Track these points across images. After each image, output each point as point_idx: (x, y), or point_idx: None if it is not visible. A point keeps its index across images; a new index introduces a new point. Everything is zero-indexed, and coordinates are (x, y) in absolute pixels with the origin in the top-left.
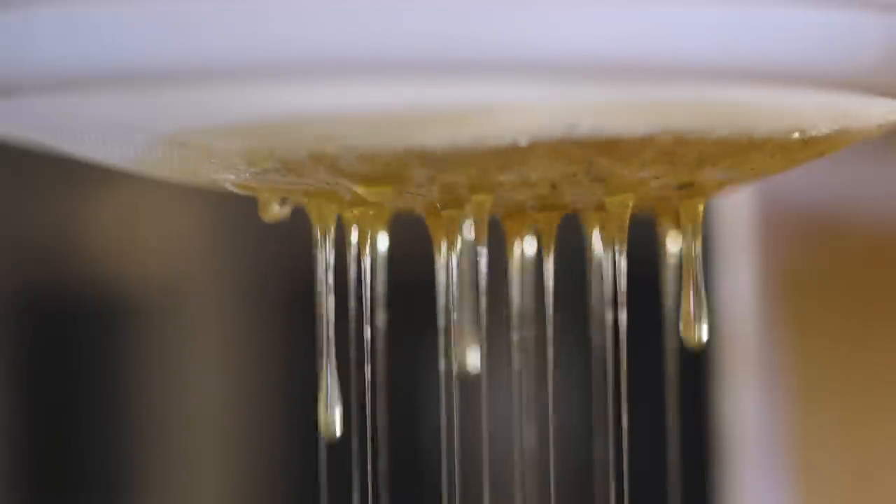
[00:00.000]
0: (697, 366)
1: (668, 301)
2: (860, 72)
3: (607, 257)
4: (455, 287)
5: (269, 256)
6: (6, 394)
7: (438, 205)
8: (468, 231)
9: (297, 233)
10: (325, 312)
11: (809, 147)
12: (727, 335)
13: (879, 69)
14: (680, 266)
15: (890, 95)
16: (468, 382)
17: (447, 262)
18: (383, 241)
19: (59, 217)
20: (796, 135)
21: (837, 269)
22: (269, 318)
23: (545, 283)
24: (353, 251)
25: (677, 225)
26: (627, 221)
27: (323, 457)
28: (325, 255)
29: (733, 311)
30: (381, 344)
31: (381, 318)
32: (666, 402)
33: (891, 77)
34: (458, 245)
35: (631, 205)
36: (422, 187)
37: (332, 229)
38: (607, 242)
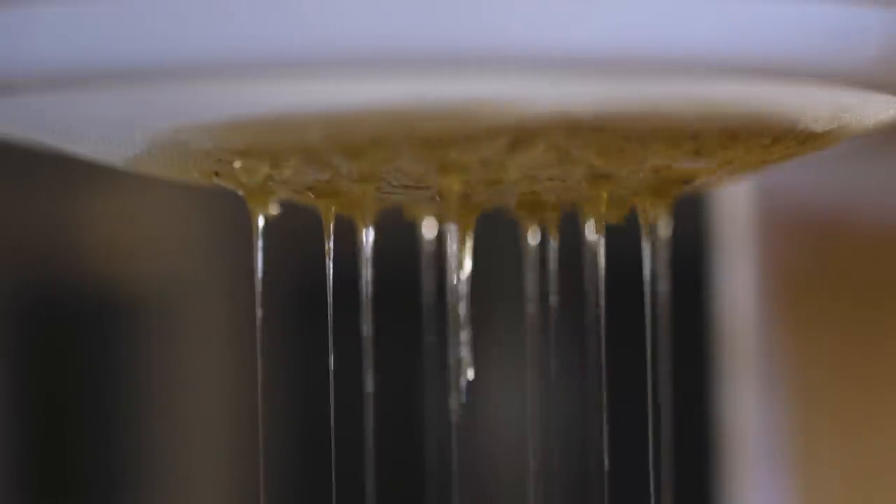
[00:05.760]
0: (697, 366)
1: (666, 299)
2: (861, 67)
3: (599, 252)
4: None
5: (270, 256)
6: (5, 394)
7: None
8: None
9: (298, 233)
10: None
11: (807, 143)
12: (727, 335)
13: (880, 64)
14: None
15: (890, 91)
16: (471, 383)
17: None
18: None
19: (59, 217)
20: (794, 130)
21: (837, 269)
22: (270, 318)
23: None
24: (356, 245)
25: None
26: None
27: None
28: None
29: (733, 311)
30: (381, 342)
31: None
32: (665, 402)
33: (891, 73)
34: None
35: (627, 199)
36: (420, 188)
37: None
38: (601, 232)
